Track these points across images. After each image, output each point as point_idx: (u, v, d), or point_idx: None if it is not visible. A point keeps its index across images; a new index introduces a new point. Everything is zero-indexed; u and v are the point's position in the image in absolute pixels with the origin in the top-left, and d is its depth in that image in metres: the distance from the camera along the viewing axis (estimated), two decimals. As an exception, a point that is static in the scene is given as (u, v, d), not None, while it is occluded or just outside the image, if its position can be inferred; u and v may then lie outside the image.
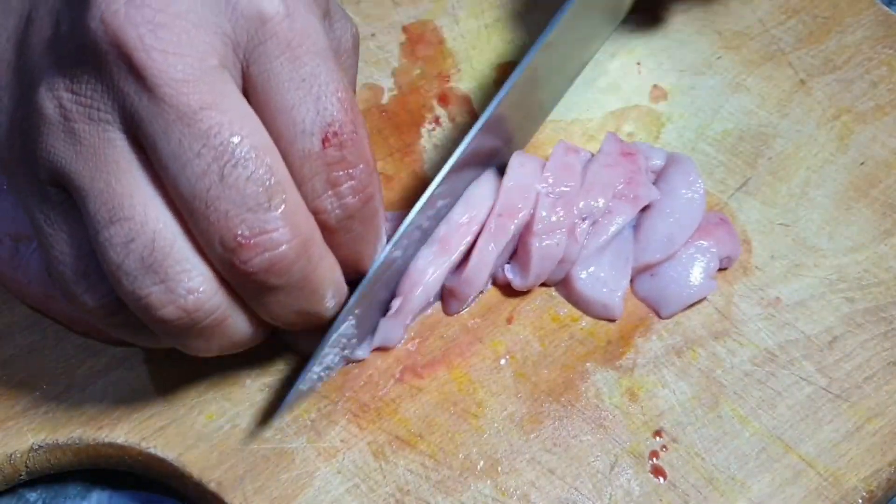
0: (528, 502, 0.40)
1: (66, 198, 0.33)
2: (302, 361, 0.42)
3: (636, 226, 0.46)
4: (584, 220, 0.44)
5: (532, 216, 0.44)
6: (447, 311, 0.45)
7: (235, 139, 0.31)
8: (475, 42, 0.54)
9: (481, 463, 0.41)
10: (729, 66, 0.53)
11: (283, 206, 0.32)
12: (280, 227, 0.32)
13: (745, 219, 0.48)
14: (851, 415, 0.42)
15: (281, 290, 0.34)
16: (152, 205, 0.32)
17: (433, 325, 0.44)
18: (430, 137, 0.50)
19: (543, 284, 0.45)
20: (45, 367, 0.42)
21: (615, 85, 0.53)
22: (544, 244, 0.43)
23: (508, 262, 0.45)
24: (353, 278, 0.38)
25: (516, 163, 0.45)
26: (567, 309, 0.45)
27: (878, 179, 0.49)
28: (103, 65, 0.31)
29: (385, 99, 0.51)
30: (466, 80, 0.52)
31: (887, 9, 0.56)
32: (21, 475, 0.41)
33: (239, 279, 0.33)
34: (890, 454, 0.41)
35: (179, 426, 0.40)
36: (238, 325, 0.35)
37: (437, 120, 0.51)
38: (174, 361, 0.42)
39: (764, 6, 0.56)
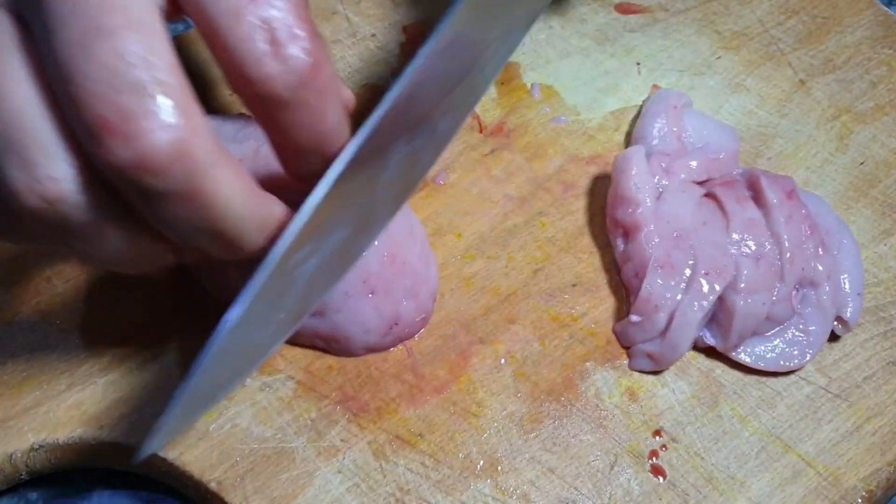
0: (528, 501, 0.40)
1: None
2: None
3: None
4: (797, 289, 0.43)
5: (735, 275, 0.42)
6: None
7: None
8: (475, 42, 0.53)
9: (481, 462, 0.41)
10: (728, 66, 0.54)
11: (160, 94, 0.27)
12: (154, 115, 0.27)
13: (745, 219, 0.48)
14: (851, 414, 0.42)
15: (166, 198, 0.29)
16: (19, 80, 0.29)
17: (433, 326, 0.44)
18: (430, 137, 0.50)
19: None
20: (46, 366, 0.42)
21: (615, 85, 0.53)
22: (749, 302, 0.42)
23: (707, 325, 0.43)
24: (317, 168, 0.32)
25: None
26: (567, 308, 0.45)
27: (878, 179, 0.50)
28: None
29: (385, 99, 0.51)
30: (466, 80, 0.52)
31: (887, 9, 0.56)
32: (21, 475, 0.41)
33: (111, 175, 0.29)
34: (889, 454, 0.41)
35: (180, 426, 0.41)
36: (125, 233, 0.31)
37: (437, 120, 0.50)
38: (175, 360, 0.42)
39: (763, 6, 0.56)
